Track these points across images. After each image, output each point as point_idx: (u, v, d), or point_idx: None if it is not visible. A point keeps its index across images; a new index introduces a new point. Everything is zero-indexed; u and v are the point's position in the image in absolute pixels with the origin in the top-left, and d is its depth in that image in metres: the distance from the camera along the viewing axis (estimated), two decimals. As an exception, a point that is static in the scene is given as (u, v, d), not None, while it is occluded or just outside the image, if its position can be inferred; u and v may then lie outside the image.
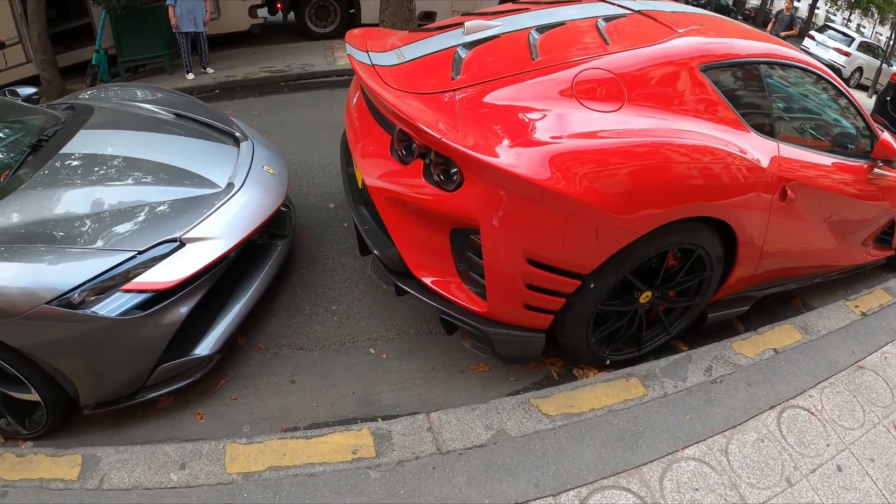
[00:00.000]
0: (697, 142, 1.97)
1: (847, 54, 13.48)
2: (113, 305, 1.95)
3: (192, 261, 2.16)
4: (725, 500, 1.98)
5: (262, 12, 6.88)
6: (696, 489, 2.00)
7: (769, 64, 2.31)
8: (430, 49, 2.42)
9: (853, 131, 2.67)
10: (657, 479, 2.01)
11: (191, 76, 5.87)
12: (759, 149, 2.13)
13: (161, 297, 2.04)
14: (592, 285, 2.06)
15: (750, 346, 2.52)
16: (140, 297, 2.00)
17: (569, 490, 1.95)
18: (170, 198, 2.32)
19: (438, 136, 1.77)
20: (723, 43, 2.28)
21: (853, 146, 2.57)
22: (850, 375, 2.40)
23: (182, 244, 2.18)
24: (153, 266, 2.07)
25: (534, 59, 2.11)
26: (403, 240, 2.20)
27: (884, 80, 13.07)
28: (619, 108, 1.97)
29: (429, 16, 6.69)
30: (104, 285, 1.95)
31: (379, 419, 2.24)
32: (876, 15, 27.71)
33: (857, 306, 2.79)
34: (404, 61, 2.38)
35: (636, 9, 2.52)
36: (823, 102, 2.68)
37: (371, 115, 2.35)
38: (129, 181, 2.39)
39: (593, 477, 2.00)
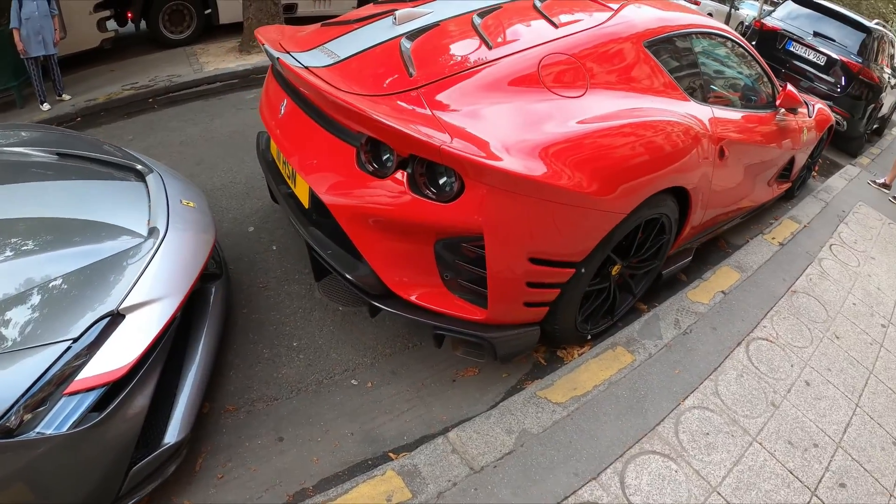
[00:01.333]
0: (663, 118, 2.05)
1: (697, 2, 14.48)
2: (61, 417, 1.53)
3: (139, 334, 1.77)
4: (732, 436, 2.16)
5: (112, 25, 5.92)
6: (707, 433, 2.15)
7: (695, 34, 2.47)
8: (365, 44, 2.19)
9: (758, 85, 2.98)
10: (673, 434, 2.12)
11: (46, 106, 4.88)
12: (702, 116, 2.29)
13: (116, 388, 1.66)
14: (583, 270, 2.08)
15: (702, 293, 2.76)
16: (91, 397, 1.60)
17: (606, 469, 1.99)
18: (90, 260, 1.87)
19: (438, 145, 1.61)
20: (658, 17, 2.38)
21: (756, 98, 2.88)
22: (789, 301, 2.73)
23: (122, 316, 1.78)
24: (95, 353, 1.66)
25: (490, 48, 2.02)
26: (378, 259, 2.03)
27: (733, 24, 14.76)
28: (586, 92, 1.97)
29: (290, 8, 6.20)
30: (43, 394, 1.53)
31: (391, 455, 2.08)
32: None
33: (773, 238, 3.18)
34: (340, 60, 2.13)
35: None
36: (735, 63, 2.95)
37: (316, 124, 2.08)
38: (35, 249, 1.89)
39: (620, 450, 2.06)
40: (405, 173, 1.80)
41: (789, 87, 2.91)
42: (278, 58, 2.08)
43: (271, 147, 2.64)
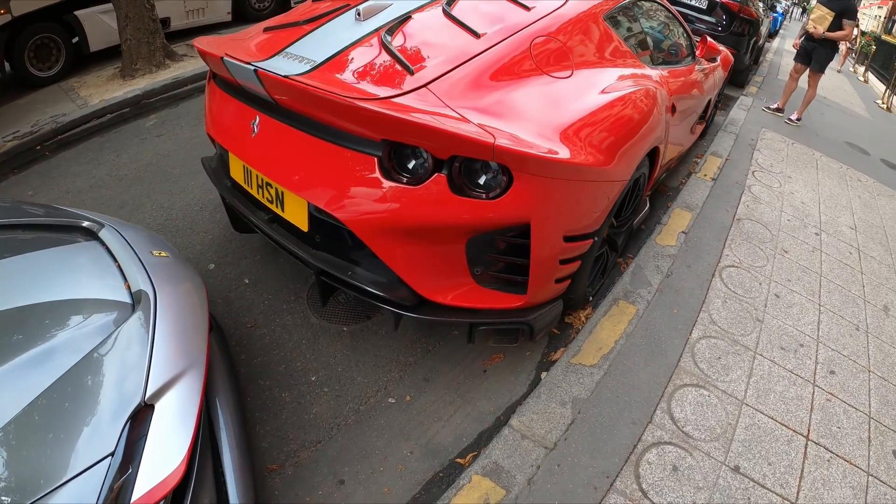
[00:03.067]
0: (642, 85, 2.20)
1: None
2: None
3: (178, 422, 1.45)
4: (738, 354, 2.43)
5: None
6: (719, 357, 2.41)
7: (634, 2, 2.66)
8: (337, 44, 2.04)
9: (681, 40, 3.29)
10: (693, 365, 2.35)
11: None
12: (657, 78, 2.49)
13: (179, 492, 1.40)
14: (596, 239, 2.20)
15: (667, 237, 3.03)
16: None
17: (655, 410, 2.16)
18: (81, 352, 1.51)
19: (491, 143, 1.57)
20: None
21: (679, 52, 3.18)
22: (738, 229, 3.10)
23: (151, 407, 1.50)
24: (140, 460, 1.36)
25: (478, 36, 2.01)
26: (407, 268, 1.97)
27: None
28: (573, 71, 2.05)
29: (164, 22, 5.54)
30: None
31: (458, 461, 2.07)
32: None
33: (705, 175, 3.56)
34: (318, 64, 1.95)
35: None
36: (664, 23, 3.21)
37: (315, 138, 1.91)
38: (5, 355, 1.54)
39: (659, 391, 2.24)
40: (442, 176, 1.76)
41: (709, 39, 3.27)
42: (256, 69, 1.87)
43: (231, 170, 2.40)
